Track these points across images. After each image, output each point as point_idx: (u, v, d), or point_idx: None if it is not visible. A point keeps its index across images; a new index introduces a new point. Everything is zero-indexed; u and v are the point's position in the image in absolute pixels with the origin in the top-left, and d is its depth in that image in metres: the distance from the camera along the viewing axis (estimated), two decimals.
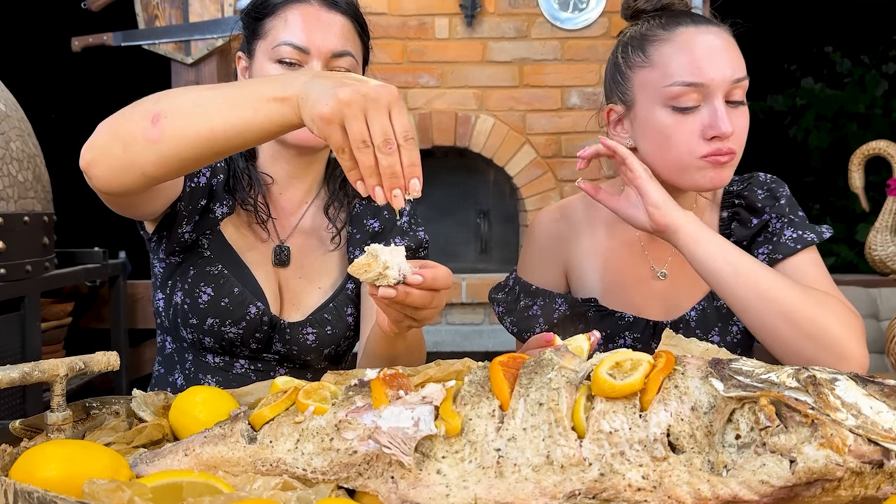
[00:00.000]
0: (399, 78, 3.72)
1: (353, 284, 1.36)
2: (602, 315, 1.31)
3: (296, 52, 1.22)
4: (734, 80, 1.16)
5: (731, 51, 1.18)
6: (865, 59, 5.77)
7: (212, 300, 1.25)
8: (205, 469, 0.76)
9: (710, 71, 1.15)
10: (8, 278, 1.97)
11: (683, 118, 1.17)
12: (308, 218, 1.38)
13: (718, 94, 1.15)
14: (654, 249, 1.32)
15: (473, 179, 3.94)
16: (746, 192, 1.29)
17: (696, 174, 1.18)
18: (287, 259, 1.33)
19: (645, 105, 1.21)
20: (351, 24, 1.28)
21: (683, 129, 1.17)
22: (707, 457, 0.67)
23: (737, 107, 1.18)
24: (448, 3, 3.69)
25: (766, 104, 5.79)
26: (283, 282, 1.34)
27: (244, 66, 1.32)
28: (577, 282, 1.36)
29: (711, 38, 1.18)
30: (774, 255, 1.22)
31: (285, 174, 1.35)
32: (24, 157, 2.07)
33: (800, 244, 1.22)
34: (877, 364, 2.88)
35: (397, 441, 0.70)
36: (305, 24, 1.24)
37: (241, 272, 1.29)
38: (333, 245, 1.36)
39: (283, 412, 0.78)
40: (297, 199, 1.37)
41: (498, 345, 3.55)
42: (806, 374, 0.70)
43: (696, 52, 1.16)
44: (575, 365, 0.75)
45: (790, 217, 1.26)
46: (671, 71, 1.17)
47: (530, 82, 3.75)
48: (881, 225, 3.23)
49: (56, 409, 0.81)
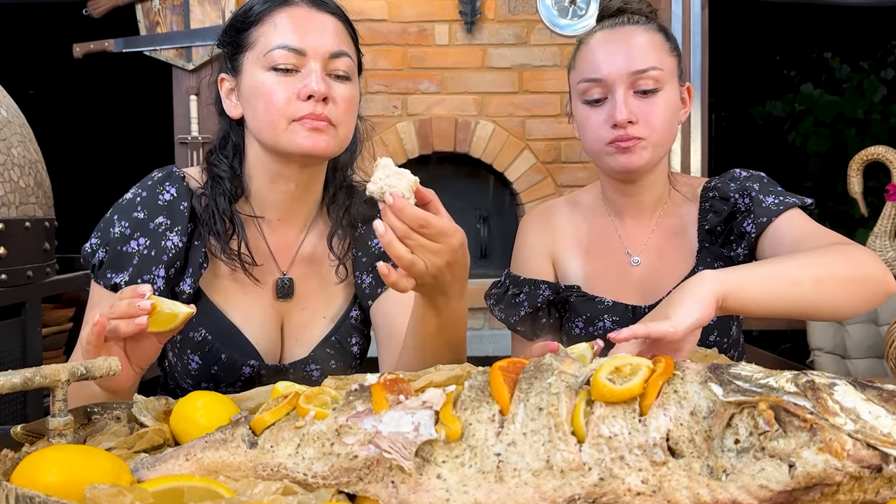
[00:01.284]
0: (399, 84, 3.73)
1: (357, 312, 1.30)
2: (583, 300, 1.39)
3: (291, 54, 1.14)
4: (633, 70, 1.26)
5: (635, 45, 1.28)
6: (864, 64, 5.78)
7: (201, 367, 1.20)
8: (206, 474, 0.76)
9: (606, 66, 1.27)
10: (9, 284, 1.97)
11: (592, 110, 1.30)
12: (308, 245, 1.29)
13: (618, 86, 1.27)
14: (629, 239, 1.40)
15: (473, 185, 3.95)
16: (720, 185, 1.37)
17: (608, 159, 1.30)
18: (290, 291, 1.26)
19: (573, 101, 1.35)
20: (343, 26, 1.21)
21: (592, 120, 1.30)
22: (706, 461, 0.67)
23: (648, 96, 1.27)
24: (448, 10, 3.70)
25: (764, 110, 5.79)
26: (285, 317, 1.27)
27: (229, 87, 1.23)
28: (563, 272, 1.44)
29: (618, 37, 1.30)
30: (760, 219, 1.27)
31: (285, 198, 1.24)
32: (25, 163, 2.07)
33: (782, 206, 1.28)
34: (876, 369, 2.88)
35: (398, 446, 0.70)
36: (297, 26, 1.16)
37: (227, 334, 1.20)
38: (339, 278, 1.29)
39: (283, 417, 0.78)
40: (297, 225, 1.29)
41: (498, 350, 3.55)
42: (804, 378, 0.70)
43: (597, 51, 1.30)
44: (574, 370, 0.76)
45: (768, 188, 1.31)
46: (582, 69, 1.31)
47: (530, 88, 3.76)
48: (880, 230, 3.23)
49: (57, 414, 0.81)
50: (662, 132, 1.28)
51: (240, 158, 1.25)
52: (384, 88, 3.73)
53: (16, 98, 2.21)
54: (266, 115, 1.15)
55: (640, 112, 1.26)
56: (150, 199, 1.20)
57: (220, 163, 1.24)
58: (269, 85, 1.14)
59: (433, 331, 1.08)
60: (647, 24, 1.31)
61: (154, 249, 1.18)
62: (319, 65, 1.15)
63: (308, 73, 1.14)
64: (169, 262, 1.18)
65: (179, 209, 1.20)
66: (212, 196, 1.22)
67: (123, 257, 1.18)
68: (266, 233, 1.26)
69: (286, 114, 1.13)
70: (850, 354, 2.98)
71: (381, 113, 3.72)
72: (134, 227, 1.18)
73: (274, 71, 1.14)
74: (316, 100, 1.13)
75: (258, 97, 1.15)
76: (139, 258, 1.17)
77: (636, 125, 1.26)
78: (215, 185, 1.22)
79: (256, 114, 1.16)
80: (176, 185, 1.22)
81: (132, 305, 0.94)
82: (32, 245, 2.07)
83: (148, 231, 1.18)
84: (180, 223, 1.19)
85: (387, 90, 3.74)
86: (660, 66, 1.27)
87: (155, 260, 1.17)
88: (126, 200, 1.22)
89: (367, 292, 1.29)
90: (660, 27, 1.32)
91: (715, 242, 1.35)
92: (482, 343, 3.59)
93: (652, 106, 1.27)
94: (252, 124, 1.19)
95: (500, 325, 3.76)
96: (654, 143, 1.28)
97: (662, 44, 1.30)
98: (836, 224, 5.50)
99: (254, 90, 1.16)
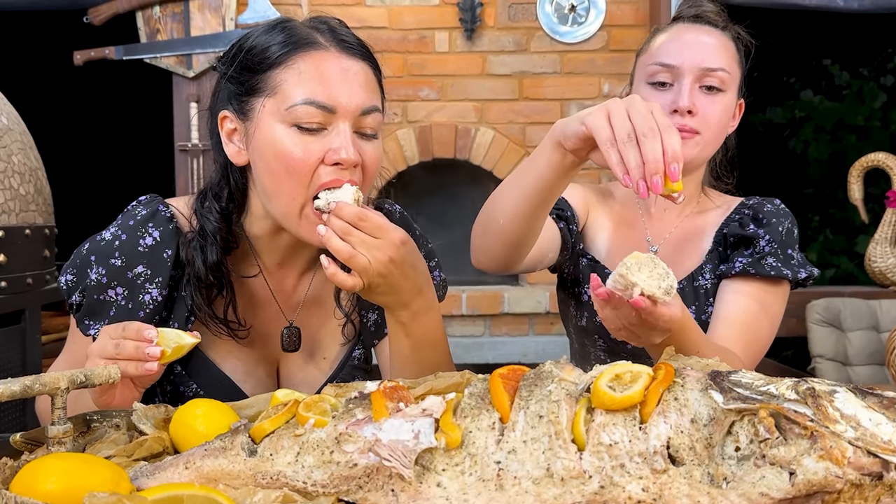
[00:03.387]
0: (399, 91, 3.73)
1: (360, 351, 1.23)
2: (593, 265, 1.42)
3: (319, 112, 1.01)
4: (704, 67, 1.30)
5: (710, 44, 1.32)
6: (864, 71, 5.79)
7: None
8: (205, 482, 0.76)
9: (679, 55, 1.31)
10: (9, 291, 1.97)
11: (655, 93, 1.33)
12: (314, 289, 1.20)
13: (687, 76, 1.30)
14: (653, 230, 1.44)
15: (473, 192, 3.94)
16: (756, 205, 1.40)
17: None
18: (298, 343, 1.17)
19: (637, 82, 1.38)
20: (371, 71, 1.09)
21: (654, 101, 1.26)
22: (707, 469, 0.67)
23: (711, 93, 1.31)
24: (448, 17, 3.71)
25: (765, 116, 5.80)
26: (282, 363, 1.19)
27: (232, 128, 1.08)
28: (590, 238, 1.46)
29: (698, 34, 1.34)
30: (749, 268, 1.30)
31: (287, 246, 1.15)
32: (25, 171, 2.07)
33: (773, 272, 1.29)
34: (877, 376, 2.88)
35: (397, 454, 0.70)
36: (325, 77, 1.02)
37: (219, 387, 1.11)
38: (346, 339, 1.21)
39: (283, 425, 0.78)
40: (300, 267, 1.19)
41: (498, 357, 3.54)
42: (805, 386, 0.70)
43: (673, 39, 1.34)
44: (575, 377, 0.76)
45: (781, 249, 1.32)
46: (655, 53, 1.35)
47: (530, 95, 3.76)
48: (881, 237, 3.23)
49: (56, 421, 0.81)
50: (715, 131, 1.33)
51: (237, 205, 1.12)
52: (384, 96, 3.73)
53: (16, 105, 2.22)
54: (286, 180, 1.03)
55: (701, 106, 1.30)
56: (130, 245, 1.09)
57: (212, 213, 1.10)
58: (289, 146, 1.02)
59: (407, 352, 1.06)
60: (724, 31, 1.36)
61: (131, 302, 1.08)
62: (349, 124, 1.03)
63: (336, 135, 1.03)
64: (147, 316, 1.08)
65: (162, 258, 1.09)
66: (198, 251, 1.09)
67: (101, 305, 1.09)
68: (269, 280, 1.17)
69: (310, 183, 1.03)
70: (852, 361, 2.97)
71: None
72: (111, 276, 1.08)
73: (297, 128, 1.02)
74: (344, 167, 1.03)
75: (276, 157, 1.03)
76: (116, 308, 1.09)
77: (695, 117, 1.29)
78: (204, 238, 1.10)
79: (271, 175, 1.04)
80: (160, 228, 1.11)
81: (140, 350, 0.91)
82: (32, 252, 2.07)
83: (125, 280, 1.08)
84: (161, 274, 1.09)
85: (387, 97, 3.72)
86: (728, 69, 1.32)
87: (132, 312, 1.08)
88: (105, 242, 1.10)
89: (373, 331, 1.24)
90: (734, 37, 1.37)
91: (725, 248, 1.38)
92: (482, 350, 3.59)
93: (713, 104, 1.31)
94: (263, 183, 1.07)
95: (500, 332, 3.76)
96: (705, 141, 1.32)
97: (734, 53, 1.36)
98: (836, 231, 5.50)
99: (271, 147, 1.03)
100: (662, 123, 0.89)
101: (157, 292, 1.09)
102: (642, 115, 0.89)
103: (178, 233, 1.12)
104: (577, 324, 1.45)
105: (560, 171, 1.01)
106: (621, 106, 0.91)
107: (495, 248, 1.15)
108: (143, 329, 0.92)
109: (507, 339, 3.73)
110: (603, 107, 0.91)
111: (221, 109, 1.10)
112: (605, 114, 0.91)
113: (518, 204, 1.07)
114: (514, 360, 1.58)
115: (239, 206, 1.12)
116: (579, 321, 1.44)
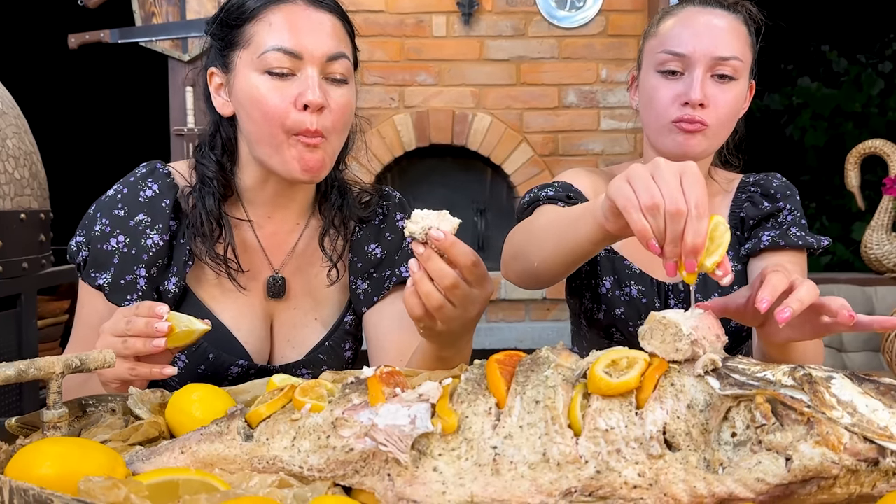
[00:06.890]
0: (396, 76, 3.72)
1: (351, 317, 1.27)
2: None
3: (287, 57, 1.09)
4: (717, 56, 1.26)
5: (723, 30, 1.28)
6: (862, 58, 5.78)
7: (188, 366, 1.16)
8: (201, 467, 0.76)
9: (691, 43, 1.27)
10: (4, 276, 1.97)
11: (665, 82, 1.29)
12: (303, 243, 1.25)
13: (699, 65, 1.26)
14: None
15: (470, 177, 3.94)
16: (763, 182, 1.40)
17: (666, 137, 1.29)
18: (282, 290, 1.22)
19: (645, 69, 1.34)
20: (341, 24, 1.16)
21: (662, 92, 1.29)
22: (703, 455, 0.67)
23: (723, 82, 1.28)
24: (445, 2, 3.69)
25: (762, 103, 5.80)
26: (274, 315, 1.23)
27: (219, 83, 1.17)
28: None
29: (709, 18, 1.29)
30: (779, 240, 1.31)
31: (276, 195, 1.21)
32: (20, 155, 2.06)
33: (801, 242, 1.32)
34: (872, 362, 2.89)
35: (394, 439, 0.70)
36: (293, 26, 1.10)
37: (215, 333, 1.15)
38: (330, 280, 1.24)
39: (279, 410, 0.78)
40: (290, 221, 1.25)
41: (495, 343, 3.55)
42: (802, 372, 0.70)
43: (685, 25, 1.29)
44: (571, 363, 0.76)
45: (799, 218, 1.36)
46: (665, 39, 1.30)
47: (527, 80, 3.75)
48: (877, 223, 3.24)
49: (52, 406, 0.81)
50: (725, 122, 1.30)
51: (230, 156, 1.21)
52: (381, 80, 3.72)
53: (11, 89, 2.20)
54: (263, 124, 1.11)
55: (713, 97, 1.27)
56: (131, 196, 1.17)
57: (209, 161, 1.19)
58: (263, 91, 1.10)
59: (433, 365, 1.03)
60: (736, 14, 1.31)
61: (134, 248, 1.15)
62: (317, 70, 1.10)
63: (304, 80, 1.10)
64: (150, 260, 1.15)
65: (161, 206, 1.17)
66: (199, 197, 1.17)
67: (104, 256, 1.16)
68: (258, 230, 1.23)
69: (283, 125, 1.09)
70: (847, 348, 2.98)
71: (378, 105, 3.70)
72: (114, 225, 1.16)
73: (268, 75, 1.10)
74: (312, 110, 1.09)
75: (252, 104, 1.11)
76: (119, 257, 1.15)
77: (706, 109, 1.26)
78: (204, 184, 1.18)
79: (251, 121, 1.13)
80: (159, 182, 1.19)
81: (150, 326, 0.94)
82: (28, 237, 2.07)
83: (128, 229, 1.15)
84: (161, 221, 1.16)
85: (384, 82, 3.73)
86: (741, 57, 1.28)
87: (135, 259, 1.15)
88: (108, 197, 1.19)
89: (363, 299, 1.26)
90: (746, 20, 1.33)
91: (743, 231, 1.37)
92: (479, 336, 3.58)
93: (724, 94, 1.28)
94: (245, 129, 1.15)
95: (497, 318, 3.77)
96: (715, 133, 1.29)
97: (746, 37, 1.32)
98: (833, 217, 5.50)
99: (247, 94, 1.11)
100: (692, 200, 0.78)
101: (158, 237, 1.16)
102: (670, 186, 0.78)
103: (175, 187, 1.20)
104: (592, 317, 1.41)
105: (600, 244, 0.95)
106: (644, 172, 0.80)
107: (527, 281, 1.16)
108: (156, 306, 0.96)
109: (504, 324, 3.74)
110: (624, 174, 0.82)
111: (209, 67, 1.19)
112: (626, 179, 0.81)
113: (555, 259, 1.05)
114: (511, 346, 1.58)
115: (231, 155, 1.21)
116: (596, 314, 1.40)
